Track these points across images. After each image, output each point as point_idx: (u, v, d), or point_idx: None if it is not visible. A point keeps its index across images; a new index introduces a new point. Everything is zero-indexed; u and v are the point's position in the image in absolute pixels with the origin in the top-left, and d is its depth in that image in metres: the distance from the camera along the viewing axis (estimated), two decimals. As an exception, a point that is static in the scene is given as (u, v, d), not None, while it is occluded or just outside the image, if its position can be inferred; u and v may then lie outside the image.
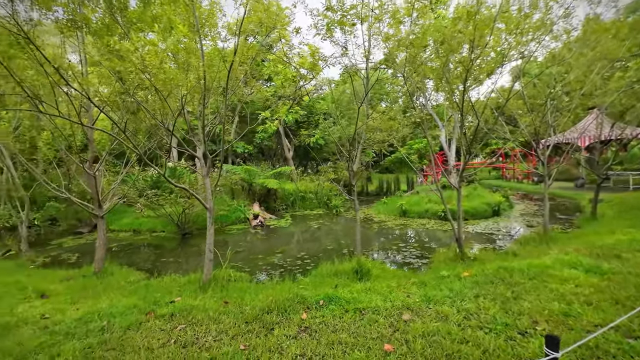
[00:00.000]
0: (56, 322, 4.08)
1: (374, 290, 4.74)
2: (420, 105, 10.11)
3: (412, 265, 7.20)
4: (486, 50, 5.51)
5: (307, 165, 27.59)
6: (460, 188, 6.79)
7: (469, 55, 4.59)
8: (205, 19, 5.19)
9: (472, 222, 11.50)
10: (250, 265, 7.53)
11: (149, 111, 4.99)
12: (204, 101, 5.25)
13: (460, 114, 5.90)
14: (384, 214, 13.67)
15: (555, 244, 7.47)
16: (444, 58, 5.18)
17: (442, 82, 6.19)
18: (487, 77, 10.12)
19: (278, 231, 11.62)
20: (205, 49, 6.68)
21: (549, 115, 7.80)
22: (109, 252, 9.50)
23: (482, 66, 5.84)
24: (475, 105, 6.91)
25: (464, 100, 5.31)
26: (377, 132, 9.40)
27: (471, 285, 4.66)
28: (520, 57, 7.47)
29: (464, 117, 5.97)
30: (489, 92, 7.03)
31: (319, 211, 15.29)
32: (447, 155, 16.68)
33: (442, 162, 24.88)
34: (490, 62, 6.53)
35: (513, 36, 6.07)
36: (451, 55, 5.37)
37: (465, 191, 14.93)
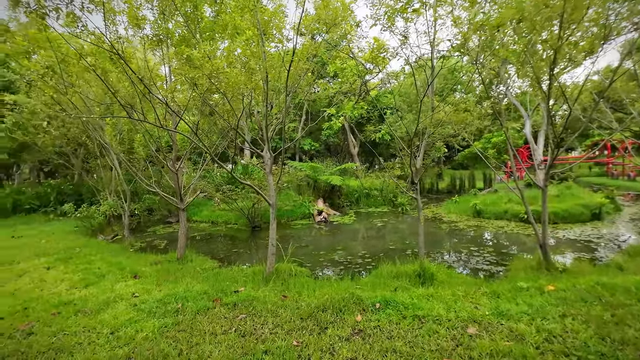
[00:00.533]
0: (143, 300, 4.69)
1: (436, 297, 4.40)
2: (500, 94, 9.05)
3: (485, 272, 6.51)
4: (582, 25, 4.62)
5: (372, 161, 27.09)
6: (546, 187, 5.89)
7: (559, 33, 3.87)
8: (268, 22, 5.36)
9: (564, 226, 9.93)
10: (311, 261, 7.68)
11: (218, 113, 5.37)
12: (266, 102, 5.46)
13: (547, 102, 5.09)
14: (455, 213, 12.67)
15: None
16: (526, 39, 4.49)
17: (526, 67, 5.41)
18: (585, 58, 8.61)
19: (341, 228, 11.63)
20: (273, 50, 6.97)
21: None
22: (191, 241, 10.66)
23: (580, 44, 4.92)
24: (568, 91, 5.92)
25: (551, 86, 4.55)
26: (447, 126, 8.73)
27: (556, 301, 4.00)
28: (635, 29, 6.14)
29: (553, 105, 5.13)
30: (589, 74, 5.93)
31: (383, 209, 14.88)
32: (532, 149, 14.69)
33: (527, 157, 22.02)
34: (589, 38, 5.48)
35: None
36: (536, 35, 4.64)
37: (556, 190, 12.96)
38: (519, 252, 7.75)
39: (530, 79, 5.72)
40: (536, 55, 4.92)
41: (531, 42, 4.49)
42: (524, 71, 5.36)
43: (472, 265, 6.86)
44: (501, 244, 8.60)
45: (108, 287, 5.40)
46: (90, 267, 6.73)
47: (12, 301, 4.96)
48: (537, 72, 4.96)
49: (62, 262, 7.24)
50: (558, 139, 5.05)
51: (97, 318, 4.14)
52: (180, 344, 3.43)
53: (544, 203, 5.94)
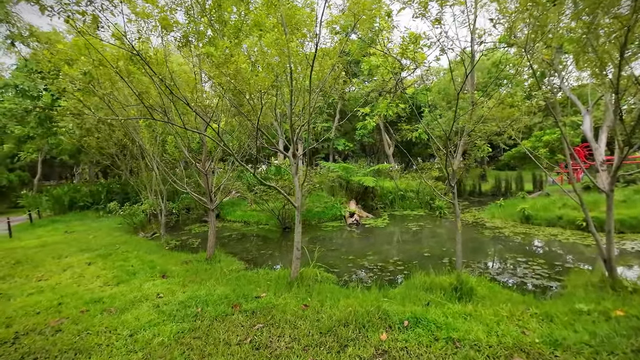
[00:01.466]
0: (166, 302, 4.68)
1: (476, 316, 3.88)
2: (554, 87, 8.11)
3: (535, 287, 5.75)
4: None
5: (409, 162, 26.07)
6: (612, 191, 5.05)
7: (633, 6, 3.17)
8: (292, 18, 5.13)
9: (633, 236, 8.64)
10: (339, 266, 7.35)
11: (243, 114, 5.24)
12: (291, 101, 5.23)
13: (615, 93, 4.32)
14: (500, 218, 11.62)
15: None
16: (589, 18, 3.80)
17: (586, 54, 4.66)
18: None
19: (373, 231, 11.16)
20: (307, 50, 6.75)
21: None
22: (223, 240, 10.82)
23: None
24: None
25: (620, 74, 3.83)
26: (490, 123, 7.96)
27: (628, 331, 3.31)
28: None
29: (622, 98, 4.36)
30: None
31: (420, 212, 14.11)
32: (593, 147, 13.09)
33: (585, 157, 19.81)
34: None
35: None
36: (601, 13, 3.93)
37: (621, 195, 11.41)
38: (577, 265, 6.82)
39: (591, 68, 4.95)
40: (600, 38, 4.19)
41: (595, 22, 3.79)
42: (585, 58, 4.61)
43: (519, 279, 6.11)
44: (554, 254, 7.65)
45: (136, 286, 5.51)
46: (124, 264, 6.98)
47: (51, 295, 5.22)
48: (601, 57, 4.22)
49: (102, 258, 7.61)
50: (628, 135, 4.25)
51: (121, 318, 4.17)
52: (193, 352, 3.30)
53: (609, 210, 5.10)
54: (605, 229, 5.15)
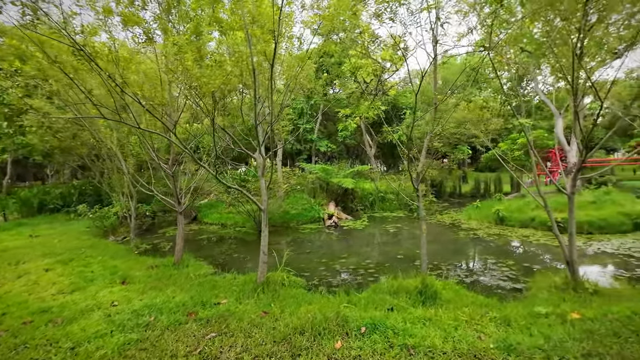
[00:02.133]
0: (119, 311, 4.44)
1: (435, 321, 3.81)
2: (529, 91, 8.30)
3: (502, 290, 5.77)
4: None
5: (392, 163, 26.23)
6: (573, 194, 5.12)
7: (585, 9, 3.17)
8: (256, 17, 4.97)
9: (600, 237, 8.84)
10: (311, 269, 7.22)
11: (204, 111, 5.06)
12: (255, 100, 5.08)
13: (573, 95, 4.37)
14: (476, 220, 11.74)
15: None
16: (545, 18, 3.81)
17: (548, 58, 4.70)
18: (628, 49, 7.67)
19: (351, 233, 11.09)
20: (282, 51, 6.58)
21: None
22: (198, 243, 10.54)
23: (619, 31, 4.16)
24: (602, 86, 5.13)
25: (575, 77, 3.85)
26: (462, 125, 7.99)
27: (581, 334, 3.30)
28: None
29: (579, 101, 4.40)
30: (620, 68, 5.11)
31: (399, 213, 14.15)
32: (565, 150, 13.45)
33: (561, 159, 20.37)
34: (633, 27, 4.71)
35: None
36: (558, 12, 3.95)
37: (592, 196, 11.70)
38: (545, 266, 6.90)
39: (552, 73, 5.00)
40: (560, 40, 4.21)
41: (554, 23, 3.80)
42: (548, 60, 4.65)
43: (488, 281, 6.12)
44: (524, 256, 7.74)
45: (92, 294, 5.23)
46: (85, 270, 6.65)
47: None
48: (560, 62, 4.25)
49: (62, 264, 7.24)
50: (586, 139, 4.29)
51: (66, 329, 3.91)
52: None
53: (570, 212, 5.16)
54: (569, 232, 5.21)
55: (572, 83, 3.82)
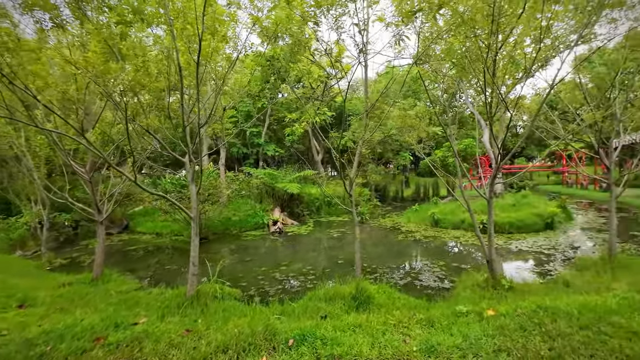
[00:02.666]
0: (6, 341, 3.76)
1: (365, 327, 3.81)
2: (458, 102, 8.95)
3: (432, 290, 6.04)
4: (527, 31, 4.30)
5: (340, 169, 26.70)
6: (491, 199, 5.55)
7: (490, 28, 3.44)
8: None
9: (518, 236, 9.81)
10: (249, 278, 6.93)
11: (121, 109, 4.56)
12: (182, 99, 4.72)
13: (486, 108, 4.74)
14: (414, 223, 12.36)
15: (625, 272, 5.84)
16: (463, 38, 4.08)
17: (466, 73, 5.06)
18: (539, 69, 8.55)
19: (295, 239, 10.95)
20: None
21: (616, 107, 6.16)
22: (127, 255, 9.58)
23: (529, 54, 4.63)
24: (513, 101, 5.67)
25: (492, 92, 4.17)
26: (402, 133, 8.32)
27: (494, 331, 3.51)
28: (583, 42, 6.13)
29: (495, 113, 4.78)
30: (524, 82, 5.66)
31: (344, 218, 14.37)
32: (491, 158, 14.79)
33: (489, 166, 22.45)
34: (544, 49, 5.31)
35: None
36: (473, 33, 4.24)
37: (512, 199, 13.02)
38: (472, 265, 7.41)
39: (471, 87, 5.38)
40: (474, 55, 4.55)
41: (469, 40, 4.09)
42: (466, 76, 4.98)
43: (420, 282, 6.39)
44: (454, 256, 8.27)
45: (-26, 323, 4.38)
46: (-27, 293, 5.60)
47: None
48: (478, 75, 4.58)
49: (-56, 287, 6.03)
50: (499, 149, 4.68)
51: None
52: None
53: (489, 215, 5.59)
54: (488, 233, 5.63)
55: (485, 97, 4.13)
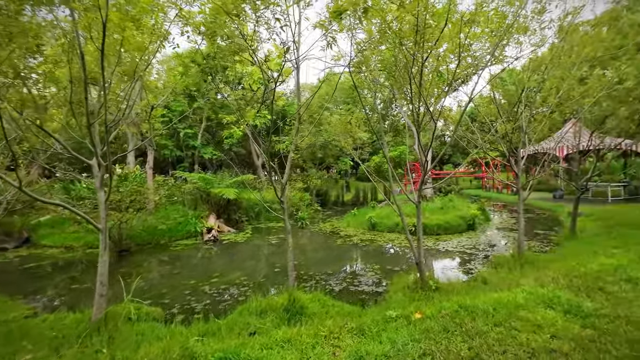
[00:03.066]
0: None
1: (295, 341, 3.60)
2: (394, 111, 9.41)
3: (366, 295, 6.09)
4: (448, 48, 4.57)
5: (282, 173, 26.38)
6: (420, 203, 5.80)
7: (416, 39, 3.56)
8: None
9: (445, 237, 10.54)
10: (173, 294, 6.27)
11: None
12: (86, 92, 4.05)
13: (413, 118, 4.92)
14: (353, 227, 12.60)
15: (532, 268, 6.54)
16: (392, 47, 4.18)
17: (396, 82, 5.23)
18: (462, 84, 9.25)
19: (231, 248, 10.37)
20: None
21: (523, 121, 6.94)
22: (26, 274, 8.08)
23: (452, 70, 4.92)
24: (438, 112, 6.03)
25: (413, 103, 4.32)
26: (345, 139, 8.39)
27: (420, 334, 3.57)
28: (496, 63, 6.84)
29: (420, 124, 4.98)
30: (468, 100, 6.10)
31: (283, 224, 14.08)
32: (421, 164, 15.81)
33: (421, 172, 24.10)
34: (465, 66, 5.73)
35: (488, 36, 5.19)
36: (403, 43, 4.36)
37: (441, 202, 14.06)
38: (404, 267, 7.70)
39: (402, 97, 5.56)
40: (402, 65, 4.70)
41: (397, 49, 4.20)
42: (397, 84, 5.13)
43: (355, 288, 6.41)
44: (389, 259, 8.54)
45: None
46: None
47: None
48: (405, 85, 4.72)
49: None
50: (425, 156, 4.90)
51: None
52: None
53: (418, 220, 5.83)
54: (417, 236, 5.86)
55: (412, 107, 4.26)
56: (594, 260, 6.18)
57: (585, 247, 7.65)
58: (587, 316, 3.79)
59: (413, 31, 3.61)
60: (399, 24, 3.56)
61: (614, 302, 4.18)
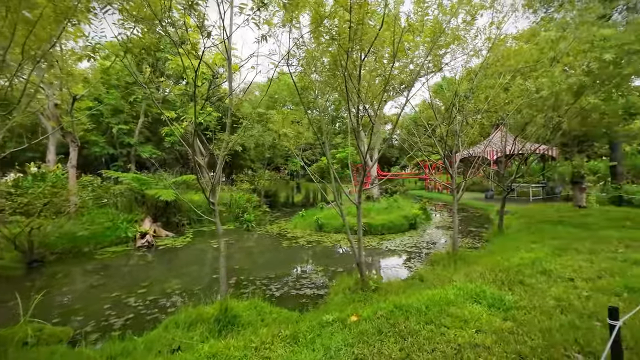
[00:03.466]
0: None
1: (222, 356, 3.29)
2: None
3: (307, 299, 5.93)
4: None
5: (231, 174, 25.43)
6: (360, 204, 5.81)
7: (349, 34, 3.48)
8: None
9: (389, 237, 10.84)
10: (90, 310, 5.53)
11: None
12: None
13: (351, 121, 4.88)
14: (300, 228, 12.44)
15: (464, 264, 6.92)
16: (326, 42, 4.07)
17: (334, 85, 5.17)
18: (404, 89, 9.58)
19: (167, 253, 9.57)
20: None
21: (457, 125, 7.35)
22: None
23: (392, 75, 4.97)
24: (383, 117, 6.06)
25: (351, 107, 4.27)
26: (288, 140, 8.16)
27: (354, 338, 3.48)
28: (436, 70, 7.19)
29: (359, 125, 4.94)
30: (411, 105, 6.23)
31: (230, 226, 13.46)
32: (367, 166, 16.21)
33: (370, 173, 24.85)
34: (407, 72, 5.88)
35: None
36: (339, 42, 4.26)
37: (386, 203, 14.52)
38: (349, 268, 7.70)
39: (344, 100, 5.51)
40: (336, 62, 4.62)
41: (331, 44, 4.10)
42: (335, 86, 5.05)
43: (297, 292, 6.22)
44: (334, 260, 8.49)
45: None
46: None
47: None
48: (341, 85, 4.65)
49: None
50: (364, 159, 4.90)
51: None
52: None
53: (358, 221, 5.83)
54: (357, 237, 5.85)
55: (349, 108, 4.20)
56: (515, 255, 6.71)
57: (510, 242, 8.33)
58: (508, 309, 4.02)
59: (347, 27, 3.53)
60: (330, 19, 3.45)
61: (531, 294, 4.52)
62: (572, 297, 4.32)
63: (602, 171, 19.28)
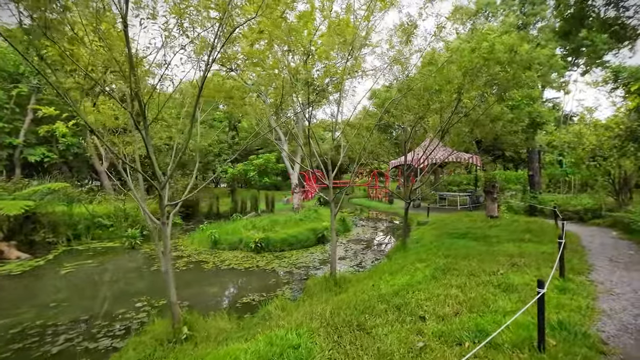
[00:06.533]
0: None
1: None
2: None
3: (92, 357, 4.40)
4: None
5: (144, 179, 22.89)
6: (164, 224, 4.46)
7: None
8: None
9: (288, 254, 9.60)
10: None
11: None
12: None
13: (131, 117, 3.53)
14: (196, 244, 10.81)
15: (333, 292, 5.82)
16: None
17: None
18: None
19: (11, 283, 7.52)
20: None
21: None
22: None
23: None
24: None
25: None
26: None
27: None
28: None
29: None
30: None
31: (115, 243, 11.43)
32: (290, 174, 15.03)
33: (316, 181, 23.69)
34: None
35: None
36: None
37: (304, 214, 13.31)
38: (184, 305, 6.28)
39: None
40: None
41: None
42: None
43: (86, 345, 4.65)
44: (180, 290, 7.02)
45: None
46: None
47: None
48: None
49: None
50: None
51: None
52: None
53: (165, 239, 4.47)
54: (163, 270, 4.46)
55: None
56: (393, 279, 5.75)
57: (403, 260, 7.43)
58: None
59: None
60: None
61: (356, 345, 3.41)
62: (402, 351, 3.26)
63: (525, 180, 19.77)
